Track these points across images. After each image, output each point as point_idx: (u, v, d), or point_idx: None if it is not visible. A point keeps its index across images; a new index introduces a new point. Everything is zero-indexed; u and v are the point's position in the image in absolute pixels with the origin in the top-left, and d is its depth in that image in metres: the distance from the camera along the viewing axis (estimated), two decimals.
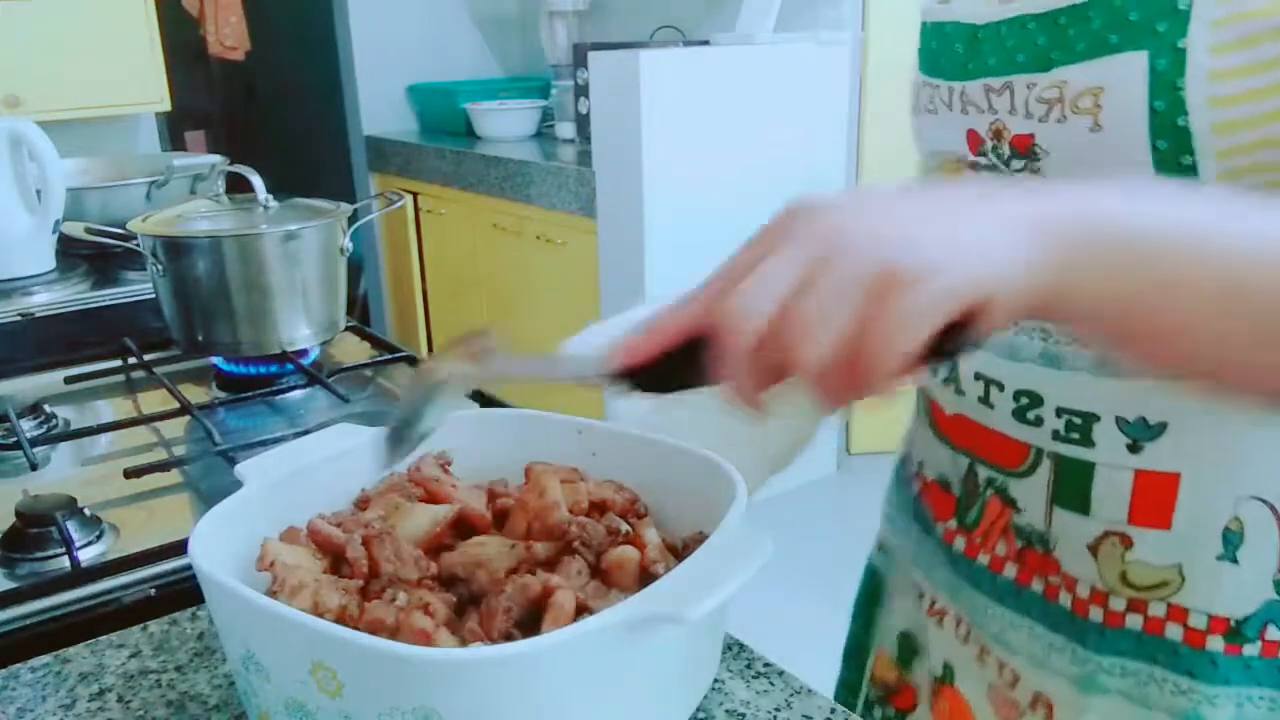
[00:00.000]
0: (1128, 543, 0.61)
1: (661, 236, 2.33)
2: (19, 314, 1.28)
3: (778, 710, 0.55)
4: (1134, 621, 0.62)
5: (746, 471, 0.59)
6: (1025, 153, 0.59)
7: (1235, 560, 0.59)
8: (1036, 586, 0.65)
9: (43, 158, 1.35)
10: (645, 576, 0.54)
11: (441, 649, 0.46)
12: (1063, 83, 0.56)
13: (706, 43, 2.49)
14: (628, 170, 2.31)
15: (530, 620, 0.50)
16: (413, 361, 1.14)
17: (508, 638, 0.49)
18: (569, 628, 0.44)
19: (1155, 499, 0.59)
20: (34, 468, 0.88)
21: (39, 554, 0.73)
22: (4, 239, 1.38)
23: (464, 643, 0.48)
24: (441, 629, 0.48)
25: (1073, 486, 0.62)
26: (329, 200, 1.16)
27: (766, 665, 0.60)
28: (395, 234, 3.28)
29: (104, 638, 0.64)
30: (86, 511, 0.77)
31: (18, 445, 0.89)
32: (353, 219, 1.15)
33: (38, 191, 1.40)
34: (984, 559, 0.69)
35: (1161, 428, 0.58)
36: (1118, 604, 0.62)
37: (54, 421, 0.99)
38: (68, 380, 1.10)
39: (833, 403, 0.41)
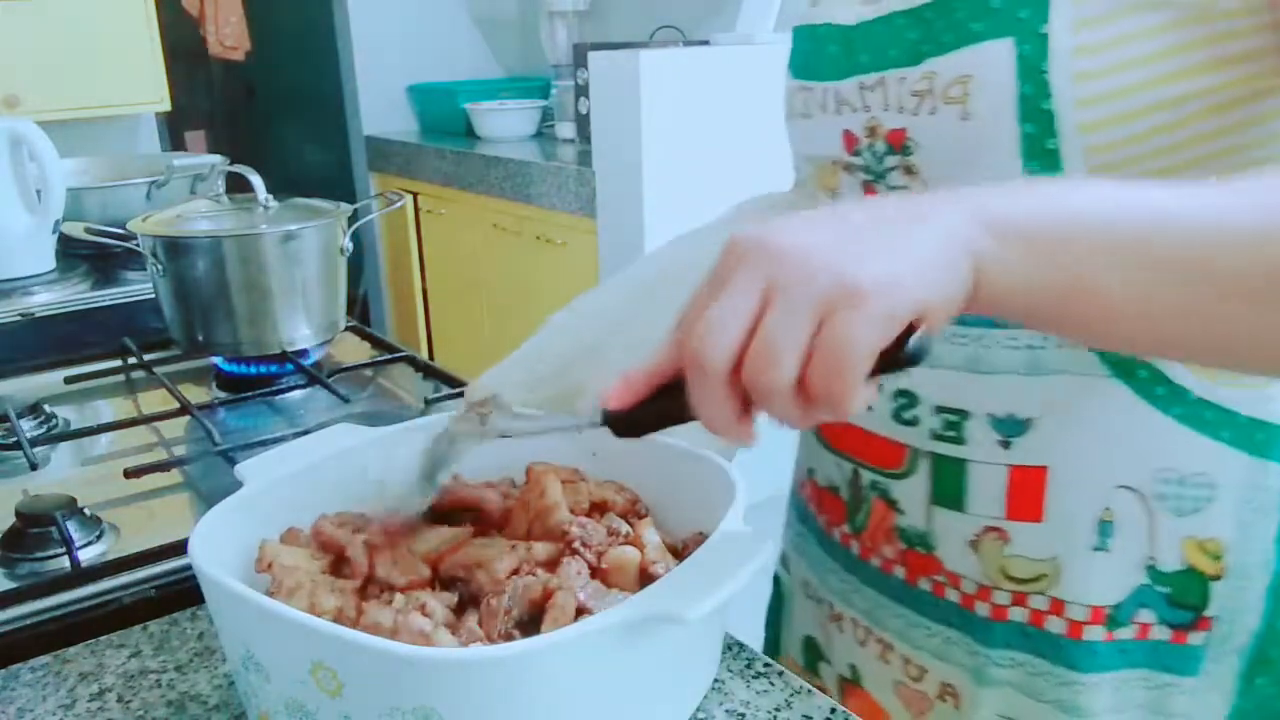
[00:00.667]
0: (1005, 537, 0.62)
1: (661, 236, 2.32)
2: (19, 314, 1.28)
3: (778, 710, 0.55)
4: (1018, 615, 0.64)
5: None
6: (899, 148, 0.60)
7: (1108, 550, 0.60)
8: (924, 586, 0.67)
9: (43, 158, 1.35)
10: (645, 577, 0.54)
11: (441, 649, 0.46)
12: (932, 74, 0.57)
13: (706, 43, 2.49)
14: (628, 170, 2.31)
15: (530, 621, 0.50)
16: (413, 362, 1.14)
17: (508, 638, 0.49)
18: (569, 628, 0.44)
19: (1027, 493, 0.61)
20: (34, 468, 0.88)
21: (39, 554, 0.73)
22: (4, 239, 1.38)
23: (464, 643, 0.48)
24: (441, 629, 0.48)
25: (949, 485, 0.63)
26: (329, 200, 1.16)
27: (766, 665, 0.60)
28: (395, 234, 3.28)
29: (104, 638, 0.64)
30: (86, 511, 0.77)
31: (18, 445, 0.89)
32: (353, 219, 1.15)
33: (38, 191, 1.40)
34: (876, 561, 0.70)
35: (1029, 423, 0.60)
36: (1002, 598, 0.64)
37: (54, 421, 0.99)
38: (68, 380, 1.10)
39: (797, 423, 0.42)
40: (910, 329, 0.40)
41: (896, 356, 0.40)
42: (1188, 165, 0.54)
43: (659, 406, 0.45)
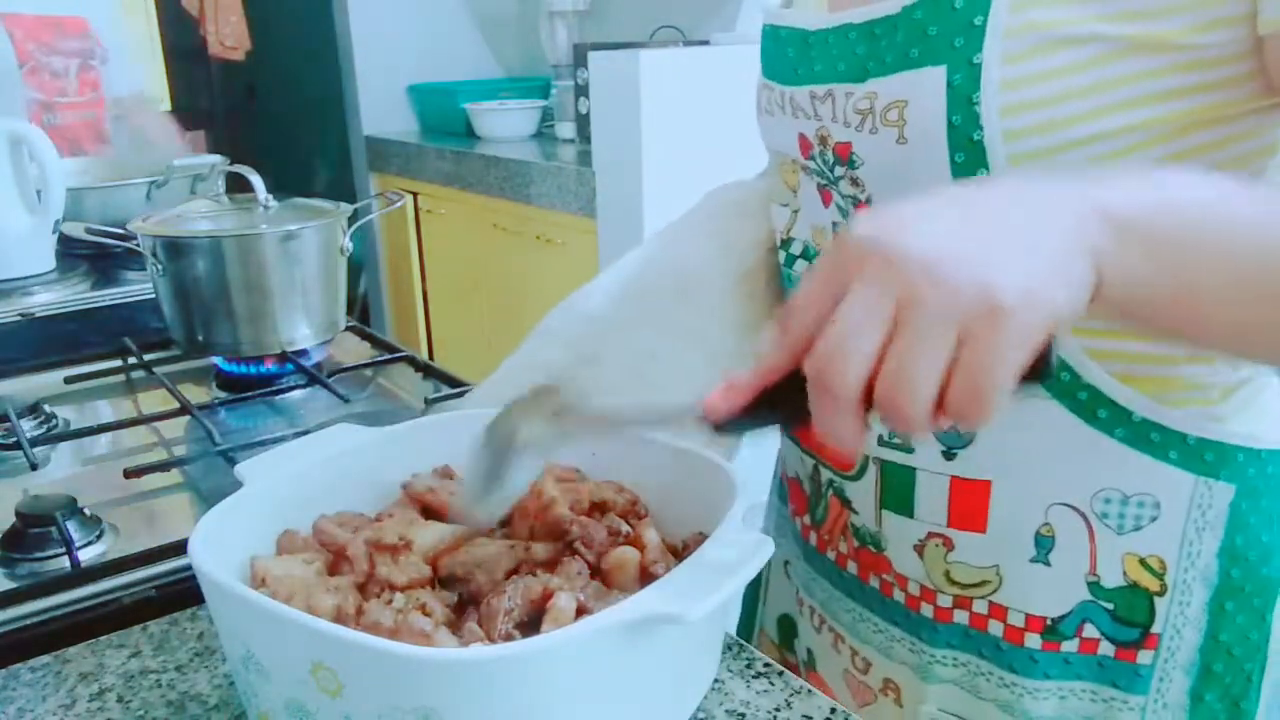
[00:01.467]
0: (949, 544, 0.63)
1: None
2: (19, 314, 1.28)
3: (778, 710, 0.55)
4: (961, 617, 0.65)
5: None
6: (845, 160, 0.61)
7: (1048, 563, 0.61)
8: (874, 583, 0.69)
9: (43, 158, 1.35)
10: (645, 577, 0.54)
11: (441, 649, 0.46)
12: (874, 94, 0.57)
13: (706, 43, 2.49)
14: (628, 170, 2.31)
15: (530, 621, 0.50)
16: (413, 362, 1.14)
17: (508, 638, 0.49)
18: (569, 628, 0.44)
19: (970, 504, 0.61)
20: (34, 468, 0.88)
21: (39, 554, 0.73)
22: (4, 239, 1.38)
23: (464, 643, 0.48)
24: (441, 629, 0.48)
25: (897, 491, 0.64)
26: (329, 200, 1.16)
27: (766, 665, 0.60)
28: (395, 234, 3.28)
29: (104, 638, 0.64)
30: (86, 511, 0.77)
31: (18, 445, 0.89)
32: (353, 219, 1.14)
33: (38, 191, 1.40)
34: (831, 554, 0.72)
35: (971, 437, 0.60)
36: (945, 600, 0.65)
37: (54, 421, 0.99)
38: (68, 380, 1.10)
39: (926, 435, 0.41)
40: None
41: (1035, 370, 0.39)
42: None
43: (762, 411, 0.44)
